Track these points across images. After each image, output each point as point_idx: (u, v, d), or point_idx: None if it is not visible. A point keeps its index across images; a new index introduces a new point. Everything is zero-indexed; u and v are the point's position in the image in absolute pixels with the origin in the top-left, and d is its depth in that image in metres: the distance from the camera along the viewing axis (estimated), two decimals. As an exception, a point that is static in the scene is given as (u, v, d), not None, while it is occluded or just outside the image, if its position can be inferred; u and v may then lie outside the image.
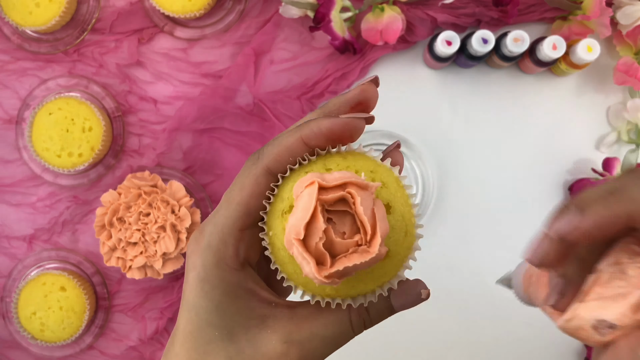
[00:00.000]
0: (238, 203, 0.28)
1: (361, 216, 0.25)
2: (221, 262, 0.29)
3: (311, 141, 0.28)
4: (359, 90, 0.29)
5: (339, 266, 0.25)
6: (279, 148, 0.28)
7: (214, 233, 0.29)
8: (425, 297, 0.29)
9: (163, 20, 0.68)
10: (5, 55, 0.68)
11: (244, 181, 0.29)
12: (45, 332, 0.64)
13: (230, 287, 0.29)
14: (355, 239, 0.26)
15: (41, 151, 0.64)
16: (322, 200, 0.26)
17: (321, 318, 0.29)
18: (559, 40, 0.62)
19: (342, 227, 0.26)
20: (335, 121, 0.28)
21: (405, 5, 0.66)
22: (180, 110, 0.67)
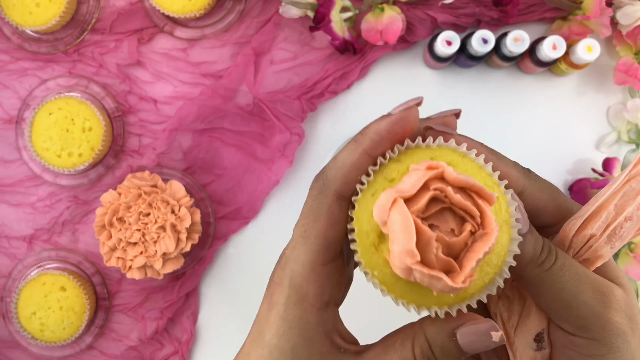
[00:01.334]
0: (316, 236, 0.27)
1: (460, 202, 0.24)
2: (303, 299, 0.27)
3: (375, 150, 0.27)
4: (399, 118, 0.27)
5: (470, 263, 0.23)
6: (343, 170, 0.27)
7: (296, 270, 0.27)
8: (496, 340, 0.27)
9: (163, 20, 0.68)
10: (5, 55, 0.68)
11: (316, 212, 0.27)
12: (45, 332, 0.64)
13: (309, 329, 0.27)
14: (468, 229, 0.24)
15: (41, 151, 0.64)
16: (415, 212, 0.24)
17: (386, 358, 0.28)
18: (559, 40, 0.62)
19: (447, 225, 0.24)
20: (391, 119, 0.26)
21: (405, 5, 0.66)
22: (180, 110, 0.67)
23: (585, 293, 0.27)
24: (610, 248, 0.28)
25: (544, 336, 0.29)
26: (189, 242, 0.62)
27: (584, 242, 0.28)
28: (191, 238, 0.62)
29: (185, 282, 0.68)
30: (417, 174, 0.24)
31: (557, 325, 0.28)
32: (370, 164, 0.27)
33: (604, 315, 0.27)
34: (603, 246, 0.28)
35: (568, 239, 0.29)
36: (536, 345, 0.29)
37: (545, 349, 0.29)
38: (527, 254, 0.27)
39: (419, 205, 0.23)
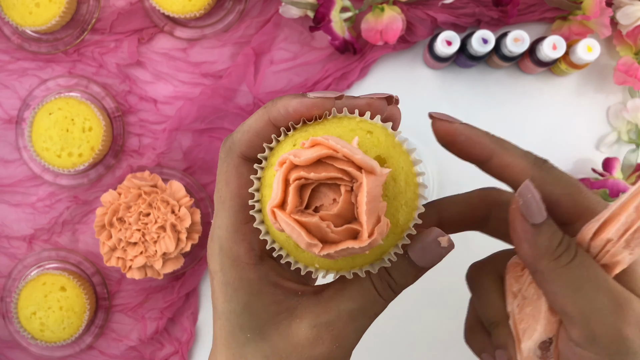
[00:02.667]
0: (230, 198, 0.28)
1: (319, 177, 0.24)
2: (237, 261, 0.28)
3: (280, 122, 0.27)
4: (364, 102, 0.28)
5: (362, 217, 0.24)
6: (249, 134, 0.28)
7: (221, 235, 0.28)
8: (446, 245, 0.27)
9: (163, 20, 0.68)
10: (5, 55, 0.68)
11: (227, 176, 0.28)
12: (45, 332, 0.64)
13: (253, 285, 0.28)
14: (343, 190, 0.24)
15: (41, 151, 0.64)
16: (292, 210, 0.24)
17: (345, 293, 0.28)
18: (559, 40, 0.62)
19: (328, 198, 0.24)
20: (303, 101, 0.27)
21: (405, 5, 0.66)
22: (180, 110, 0.67)
23: (600, 300, 0.25)
24: (629, 254, 0.26)
25: (550, 345, 0.28)
26: (189, 242, 0.62)
27: (601, 247, 0.26)
28: (191, 238, 0.62)
29: (185, 282, 0.68)
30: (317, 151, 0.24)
31: (567, 331, 0.27)
32: (274, 131, 0.28)
33: (617, 327, 0.25)
34: (621, 251, 0.26)
35: (585, 243, 0.27)
36: (541, 353, 0.28)
37: (551, 359, 0.28)
38: (542, 246, 0.26)
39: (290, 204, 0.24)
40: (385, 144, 0.27)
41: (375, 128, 0.27)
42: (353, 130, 0.26)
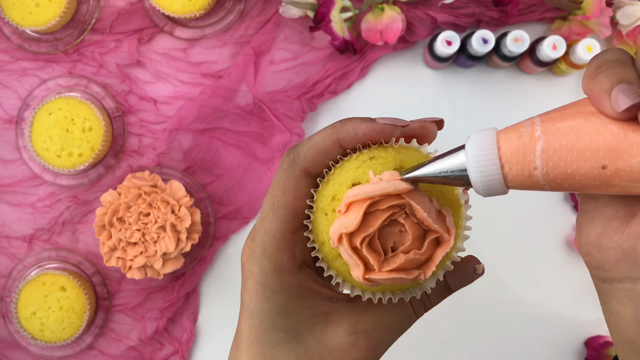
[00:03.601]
0: (284, 207, 0.28)
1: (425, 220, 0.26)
2: (279, 267, 0.29)
3: (347, 145, 0.28)
4: (418, 125, 0.29)
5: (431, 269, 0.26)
6: (315, 150, 0.28)
7: (267, 240, 0.29)
8: (480, 273, 0.30)
9: (163, 20, 0.68)
10: (5, 55, 0.68)
11: (285, 185, 0.28)
12: (45, 332, 0.64)
13: (292, 290, 0.29)
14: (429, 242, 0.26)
15: (41, 151, 0.64)
16: (364, 237, 0.26)
17: (383, 305, 0.29)
18: (559, 40, 0.62)
19: (400, 237, 0.26)
20: (372, 126, 0.27)
21: (405, 5, 0.66)
22: (180, 110, 0.67)
23: None
24: None
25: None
26: (189, 242, 0.62)
27: None
28: (191, 238, 0.62)
29: (185, 282, 0.68)
30: (357, 209, 0.25)
31: None
32: (340, 152, 0.28)
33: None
34: None
35: None
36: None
37: None
38: None
39: (371, 230, 0.25)
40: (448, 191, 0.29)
41: None
42: (418, 161, 0.28)
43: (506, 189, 0.25)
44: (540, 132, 0.23)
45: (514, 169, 0.24)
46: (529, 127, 0.24)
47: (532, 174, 0.23)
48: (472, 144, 0.25)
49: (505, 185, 0.24)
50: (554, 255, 0.69)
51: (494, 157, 0.24)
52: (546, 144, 0.23)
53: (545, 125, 0.24)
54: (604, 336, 0.67)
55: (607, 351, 0.66)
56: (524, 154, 0.23)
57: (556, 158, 0.23)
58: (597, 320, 0.69)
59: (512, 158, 0.24)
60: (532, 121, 0.24)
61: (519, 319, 0.69)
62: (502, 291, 0.69)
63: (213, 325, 0.69)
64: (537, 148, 0.23)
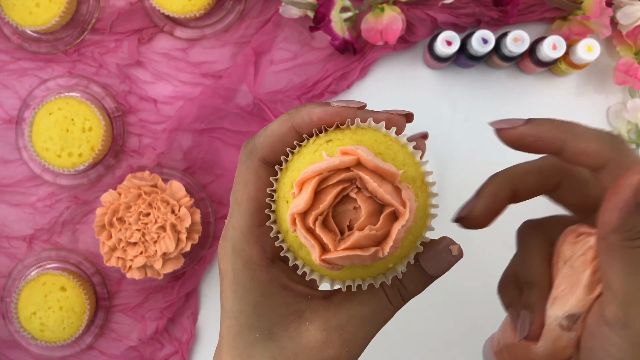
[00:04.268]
0: (247, 200, 0.28)
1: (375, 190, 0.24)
2: (249, 262, 0.28)
3: (302, 129, 0.28)
4: (384, 117, 0.29)
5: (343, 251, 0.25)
6: (271, 138, 0.28)
7: (235, 236, 0.28)
8: (457, 254, 0.29)
9: (163, 20, 0.68)
10: (5, 55, 0.68)
11: (245, 178, 0.28)
12: (45, 332, 0.64)
13: (264, 286, 0.28)
14: (366, 231, 0.25)
15: (41, 151, 0.64)
16: (318, 215, 0.25)
17: (356, 298, 0.28)
18: (559, 40, 0.62)
19: (354, 212, 0.25)
20: (327, 109, 0.27)
21: (405, 5, 0.66)
22: (180, 110, 0.67)
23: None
24: None
25: (577, 319, 0.28)
26: (189, 242, 0.62)
27: None
28: (191, 238, 0.62)
29: (185, 282, 0.68)
30: (307, 187, 0.25)
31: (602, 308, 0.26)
32: (296, 138, 0.28)
33: None
34: None
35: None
36: (566, 324, 0.28)
37: (573, 332, 0.28)
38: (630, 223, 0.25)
39: (321, 206, 0.25)
40: (402, 155, 0.27)
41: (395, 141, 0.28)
42: (378, 141, 0.27)
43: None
44: None
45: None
46: None
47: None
48: None
49: None
50: (554, 255, 0.69)
51: None
52: None
53: None
54: None
55: None
56: None
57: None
58: (597, 320, 0.69)
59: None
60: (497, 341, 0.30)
61: (519, 319, 0.68)
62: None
63: (213, 325, 0.69)
64: None
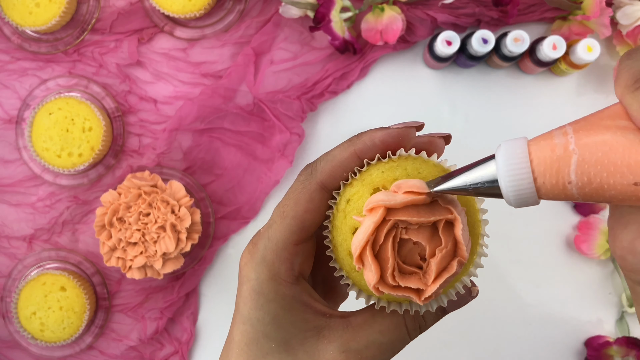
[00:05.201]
0: (293, 217, 0.28)
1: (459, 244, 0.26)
2: (276, 276, 0.29)
3: (365, 154, 0.28)
4: (426, 140, 0.29)
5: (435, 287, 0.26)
6: (332, 163, 0.28)
7: (269, 247, 0.29)
8: (475, 295, 0.29)
9: (163, 20, 0.68)
10: (5, 55, 0.68)
11: (298, 197, 0.29)
12: (45, 332, 0.64)
13: (286, 301, 0.29)
14: (438, 253, 0.26)
15: (41, 151, 0.64)
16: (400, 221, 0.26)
17: (376, 325, 0.29)
18: (559, 40, 0.62)
19: (419, 248, 0.26)
20: (388, 132, 0.28)
21: (405, 5, 0.66)
22: (180, 110, 0.67)
23: None
24: None
25: None
26: (189, 242, 0.62)
27: None
28: (191, 238, 0.62)
29: (185, 282, 0.68)
30: (366, 260, 0.26)
31: None
32: (357, 164, 0.28)
33: None
34: None
35: None
36: None
37: None
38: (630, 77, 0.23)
39: (389, 265, 0.26)
40: (471, 212, 0.28)
41: (437, 166, 0.29)
42: (431, 174, 0.27)
43: (538, 200, 0.24)
44: (575, 144, 0.23)
45: (547, 182, 0.23)
46: (562, 138, 0.23)
47: (566, 188, 0.23)
48: (503, 155, 0.24)
49: (538, 196, 0.24)
50: (554, 256, 0.69)
51: (527, 170, 0.23)
52: (581, 158, 0.22)
53: (579, 137, 0.23)
54: (604, 336, 0.67)
55: (607, 351, 0.66)
56: (558, 167, 0.23)
57: (592, 173, 0.22)
58: (597, 320, 0.69)
59: (545, 171, 0.23)
60: (565, 131, 0.24)
61: (519, 319, 0.69)
62: (502, 291, 0.69)
63: (213, 325, 0.69)
64: (572, 162, 0.23)
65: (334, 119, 0.69)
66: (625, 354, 0.65)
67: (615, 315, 0.69)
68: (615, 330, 0.68)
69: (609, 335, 0.68)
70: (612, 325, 0.69)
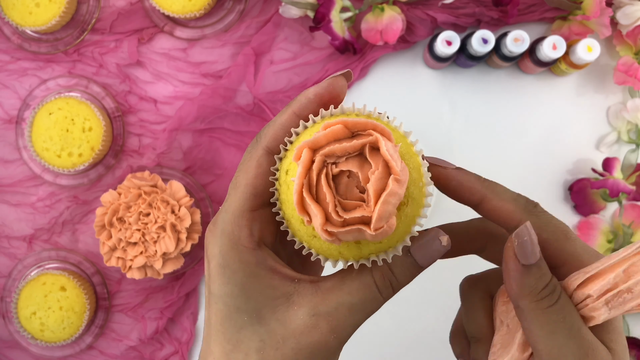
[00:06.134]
0: (245, 185, 0.29)
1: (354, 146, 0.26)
2: (237, 244, 0.29)
3: (303, 112, 0.29)
4: (326, 84, 0.30)
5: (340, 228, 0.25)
6: (274, 127, 0.29)
7: (226, 219, 0.29)
8: (446, 244, 0.29)
9: (163, 20, 0.68)
10: (5, 55, 0.68)
11: (247, 165, 0.29)
12: (45, 332, 0.64)
13: (251, 268, 0.29)
14: (359, 202, 0.25)
15: (41, 151, 0.64)
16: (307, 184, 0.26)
17: (345, 287, 0.29)
18: (559, 40, 0.62)
19: (354, 182, 0.26)
20: (320, 85, 0.29)
21: (405, 5, 0.66)
22: (180, 110, 0.67)
23: (570, 347, 0.27)
24: (607, 312, 0.27)
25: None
26: (189, 242, 0.62)
27: (582, 299, 0.28)
28: (191, 238, 0.62)
29: (185, 282, 0.68)
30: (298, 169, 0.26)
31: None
32: (298, 124, 0.29)
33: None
34: (600, 307, 0.27)
35: (570, 290, 0.28)
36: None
37: None
38: (528, 286, 0.27)
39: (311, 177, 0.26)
40: (405, 145, 0.28)
41: (393, 129, 0.29)
42: None
43: None
44: None
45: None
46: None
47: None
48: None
49: None
50: (554, 255, 0.69)
51: None
52: None
53: None
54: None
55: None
56: None
57: None
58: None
59: None
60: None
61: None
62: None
63: (213, 325, 0.69)
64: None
65: (334, 119, 0.69)
66: (625, 353, 0.65)
67: (615, 315, 0.69)
68: (615, 330, 0.68)
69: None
70: (612, 325, 0.69)
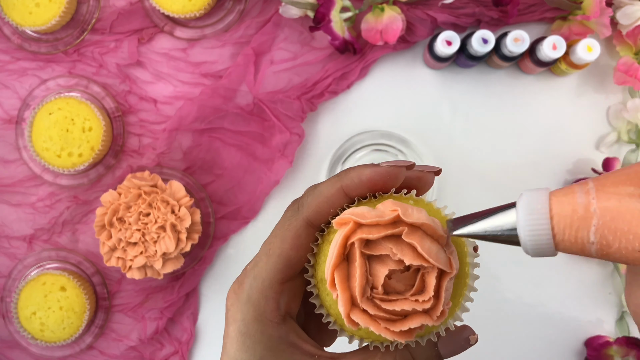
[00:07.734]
0: (279, 255, 0.28)
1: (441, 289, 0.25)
2: (262, 316, 0.28)
3: (352, 191, 0.27)
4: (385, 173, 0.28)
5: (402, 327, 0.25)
6: (318, 199, 0.28)
7: (254, 287, 0.28)
8: (473, 343, 0.29)
9: (163, 20, 0.68)
10: (5, 55, 0.68)
11: (284, 233, 0.28)
12: (45, 332, 0.64)
13: (272, 342, 0.28)
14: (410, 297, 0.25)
15: (41, 151, 0.64)
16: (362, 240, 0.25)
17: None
18: (559, 40, 0.62)
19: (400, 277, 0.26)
20: (377, 170, 0.27)
21: (405, 5, 0.66)
22: (180, 110, 0.67)
23: None
24: None
25: None
26: (189, 242, 0.62)
27: None
28: (191, 238, 0.62)
29: (185, 282, 0.68)
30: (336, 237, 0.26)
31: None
32: (345, 201, 0.28)
33: None
34: None
35: None
36: None
37: None
38: None
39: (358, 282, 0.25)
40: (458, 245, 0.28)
41: (439, 212, 0.28)
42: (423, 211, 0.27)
43: (556, 252, 0.25)
44: (596, 206, 0.23)
45: (566, 239, 0.24)
46: (584, 197, 0.23)
47: (585, 246, 0.23)
48: (524, 208, 0.24)
49: (556, 250, 0.24)
50: (554, 255, 0.69)
51: (547, 226, 0.24)
52: (602, 221, 0.23)
53: (601, 199, 0.23)
54: (604, 336, 0.67)
55: (607, 351, 0.66)
56: (578, 227, 0.23)
57: (611, 238, 0.23)
58: (597, 320, 0.69)
59: (565, 229, 0.23)
60: (587, 189, 0.24)
61: (519, 319, 0.69)
62: (502, 291, 0.69)
63: (213, 325, 0.69)
64: (592, 224, 0.23)
65: (334, 119, 0.69)
66: (625, 354, 0.65)
67: (615, 315, 0.69)
68: (615, 330, 0.68)
69: (609, 335, 0.68)
70: (612, 325, 0.69)
